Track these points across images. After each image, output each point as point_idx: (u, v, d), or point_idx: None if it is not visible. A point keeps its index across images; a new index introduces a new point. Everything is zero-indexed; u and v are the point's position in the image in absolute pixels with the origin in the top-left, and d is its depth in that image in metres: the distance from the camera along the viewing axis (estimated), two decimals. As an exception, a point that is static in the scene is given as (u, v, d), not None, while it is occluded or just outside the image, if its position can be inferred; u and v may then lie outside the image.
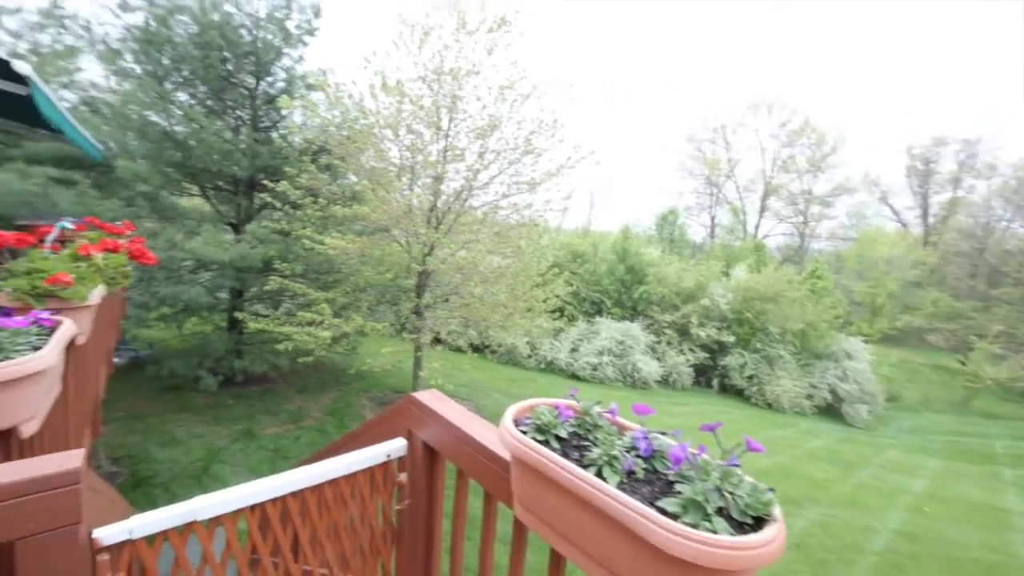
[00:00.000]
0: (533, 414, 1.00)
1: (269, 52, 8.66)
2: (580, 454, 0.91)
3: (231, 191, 9.57)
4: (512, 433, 0.93)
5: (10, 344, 1.22)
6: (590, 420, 1.00)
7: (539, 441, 0.92)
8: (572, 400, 1.07)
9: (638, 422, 1.00)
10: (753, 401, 15.54)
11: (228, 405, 8.23)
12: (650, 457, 0.88)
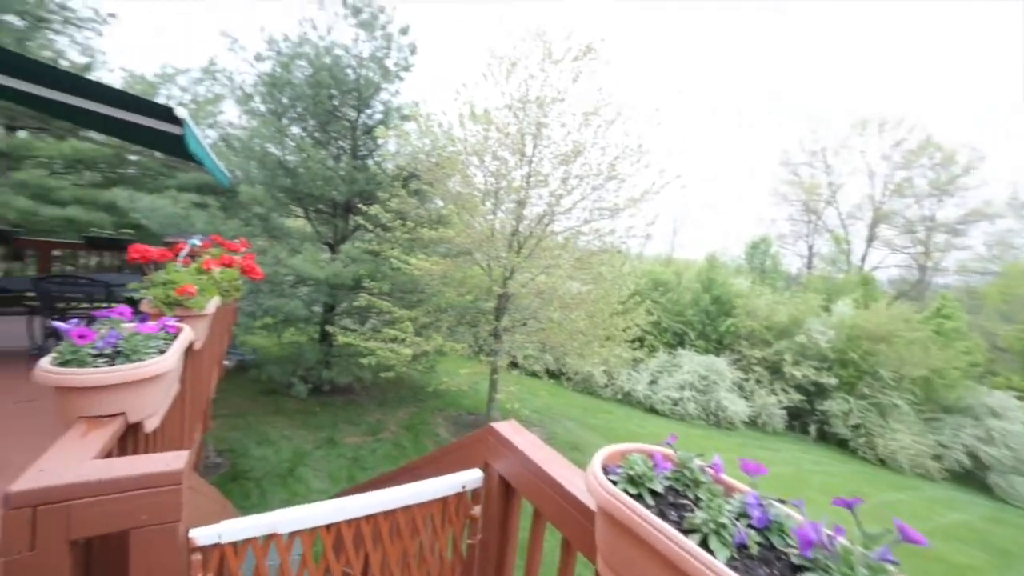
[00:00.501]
0: (625, 462, 0.90)
1: (369, 88, 9.46)
2: (679, 514, 0.80)
3: (330, 213, 10.43)
4: (601, 482, 0.84)
5: (143, 347, 1.36)
6: (690, 474, 0.88)
7: (632, 495, 0.82)
8: (669, 449, 0.95)
9: (747, 482, 0.86)
10: (860, 454, 13.64)
11: (315, 412, 8.77)
12: (765, 529, 0.75)
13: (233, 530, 1.16)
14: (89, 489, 0.98)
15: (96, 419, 1.22)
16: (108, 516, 1.00)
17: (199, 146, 3.66)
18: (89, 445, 1.11)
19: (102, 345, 1.28)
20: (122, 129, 5.38)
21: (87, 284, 4.70)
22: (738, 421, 13.76)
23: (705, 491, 0.83)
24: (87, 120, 5.83)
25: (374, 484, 3.23)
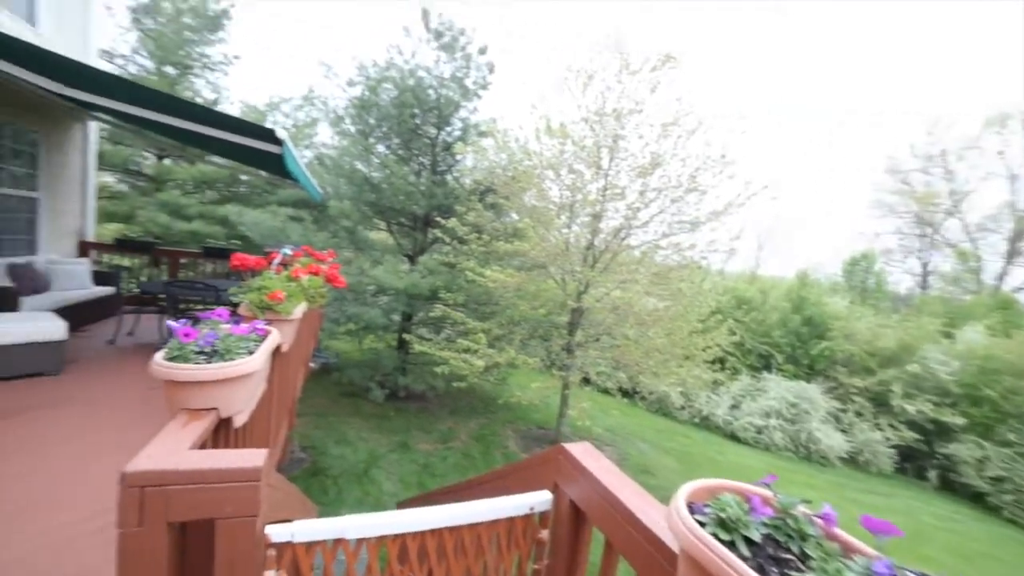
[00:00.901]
0: (715, 502, 0.78)
1: (449, 106, 9.86)
2: (781, 572, 0.68)
3: (410, 226, 10.93)
4: (687, 523, 0.74)
5: (235, 348, 1.47)
6: (794, 524, 0.75)
7: (723, 542, 0.71)
8: (767, 490, 0.82)
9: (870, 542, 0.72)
10: (1006, 514, 11.09)
11: (390, 417, 9.12)
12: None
13: (305, 531, 1.19)
14: (183, 477, 1.05)
15: (194, 411, 1.32)
16: (198, 504, 1.06)
17: (295, 164, 4.00)
18: (187, 435, 1.20)
19: (203, 344, 1.39)
20: (236, 152, 6.06)
21: (202, 288, 5.29)
22: (833, 456, 12.31)
23: (815, 547, 0.70)
24: (211, 146, 6.62)
25: (442, 494, 3.25)
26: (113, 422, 3.54)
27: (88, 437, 3.26)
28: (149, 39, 13.35)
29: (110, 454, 3.01)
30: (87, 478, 2.75)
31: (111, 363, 4.89)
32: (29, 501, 2.50)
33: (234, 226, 11.06)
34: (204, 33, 14.23)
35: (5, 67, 4.19)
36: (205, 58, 14.32)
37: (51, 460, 2.93)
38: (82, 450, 3.08)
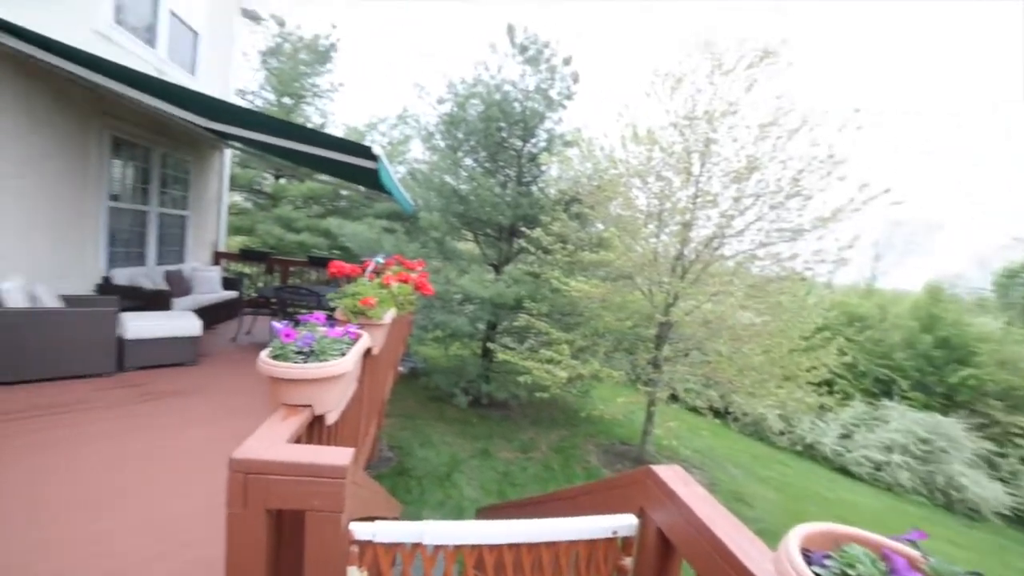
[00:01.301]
0: (840, 554, 0.65)
1: (535, 118, 9.97)
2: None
3: (496, 237, 11.17)
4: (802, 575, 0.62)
5: (330, 349, 1.56)
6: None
7: (852, 604, 0.58)
8: (912, 548, 0.67)
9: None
10: None
11: (472, 423, 9.30)
12: None
13: (385, 531, 1.21)
14: (279, 468, 1.12)
15: (292, 407, 1.42)
16: (291, 495, 1.13)
17: (389, 178, 4.26)
18: (285, 429, 1.28)
19: (301, 344, 1.49)
20: (339, 169, 6.62)
21: (306, 293, 5.82)
22: (986, 510, 10.31)
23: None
24: (318, 164, 7.31)
25: (522, 506, 3.21)
26: (233, 409, 3.98)
27: (221, 422, 3.70)
28: (273, 76, 15.23)
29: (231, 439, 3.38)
30: (213, 458, 3.10)
31: (233, 358, 5.53)
32: (173, 475, 2.88)
33: (336, 237, 12.09)
34: (315, 66, 15.90)
35: (173, 110, 4.99)
36: (315, 87, 15.99)
37: (188, 438, 3.36)
38: (213, 432, 3.50)
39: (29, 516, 2.38)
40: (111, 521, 2.41)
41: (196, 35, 7.41)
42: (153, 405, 3.92)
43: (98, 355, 4.31)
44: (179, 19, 6.93)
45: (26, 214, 4.68)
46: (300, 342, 1.50)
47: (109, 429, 3.40)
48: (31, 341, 3.99)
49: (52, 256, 5.01)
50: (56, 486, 2.65)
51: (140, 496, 2.65)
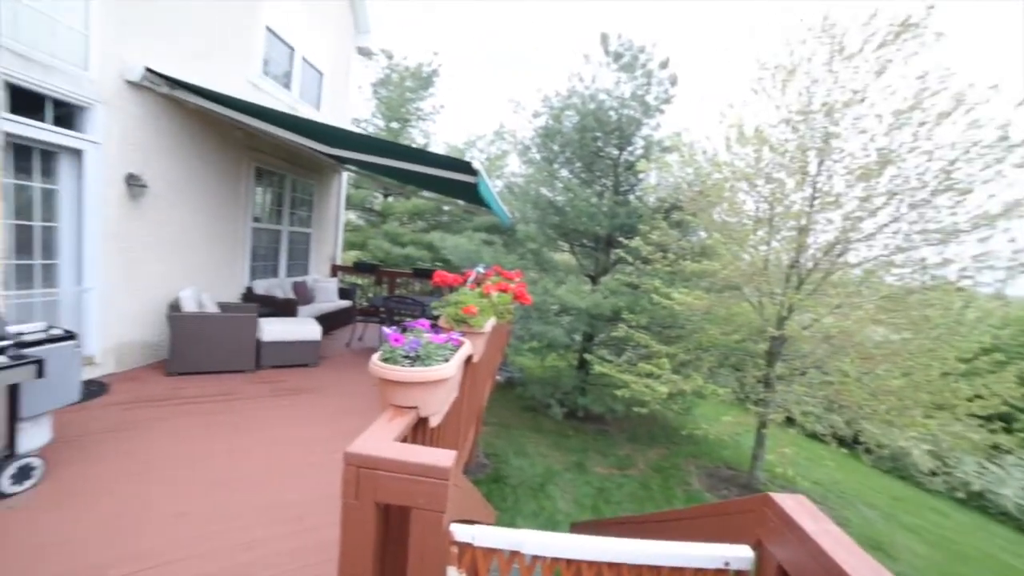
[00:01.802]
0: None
1: (631, 125, 9.74)
2: None
3: (592, 247, 11.04)
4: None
5: (435, 354, 1.64)
6: None
7: None
8: None
9: None
10: None
11: (567, 435, 9.19)
12: None
13: (484, 536, 1.23)
14: (387, 464, 1.19)
15: (399, 408, 1.51)
16: (398, 492, 1.19)
17: (488, 192, 4.42)
18: (393, 428, 1.37)
19: (408, 349, 1.59)
20: (441, 185, 7.04)
21: (411, 303, 6.23)
22: None
23: None
24: (422, 181, 7.83)
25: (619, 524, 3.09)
26: (348, 408, 4.37)
27: (338, 419, 4.09)
28: (382, 104, 16.73)
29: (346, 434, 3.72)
30: (332, 451, 3.43)
31: (347, 362, 6.07)
32: (298, 463, 3.23)
33: (438, 250, 12.81)
34: (419, 91, 17.15)
35: (302, 140, 5.72)
36: (419, 111, 17.24)
37: (311, 431, 3.75)
38: (332, 428, 3.87)
39: (178, 490, 2.81)
40: (245, 499, 2.75)
41: (321, 75, 8.40)
42: (284, 399, 4.45)
43: (243, 354, 5.01)
44: (309, 63, 7.92)
45: (194, 234, 5.62)
46: (407, 347, 1.60)
47: (249, 418, 3.91)
48: (200, 340, 4.77)
49: (211, 269, 5.94)
50: (203, 463, 3.11)
51: (273, 479, 3.01)
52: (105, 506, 2.57)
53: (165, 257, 5.19)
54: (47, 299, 4.16)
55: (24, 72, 3.66)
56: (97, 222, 4.39)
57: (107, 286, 4.53)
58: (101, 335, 4.51)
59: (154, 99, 4.85)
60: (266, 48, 6.66)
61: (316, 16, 7.88)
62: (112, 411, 3.79)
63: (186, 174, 5.38)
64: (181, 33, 5.14)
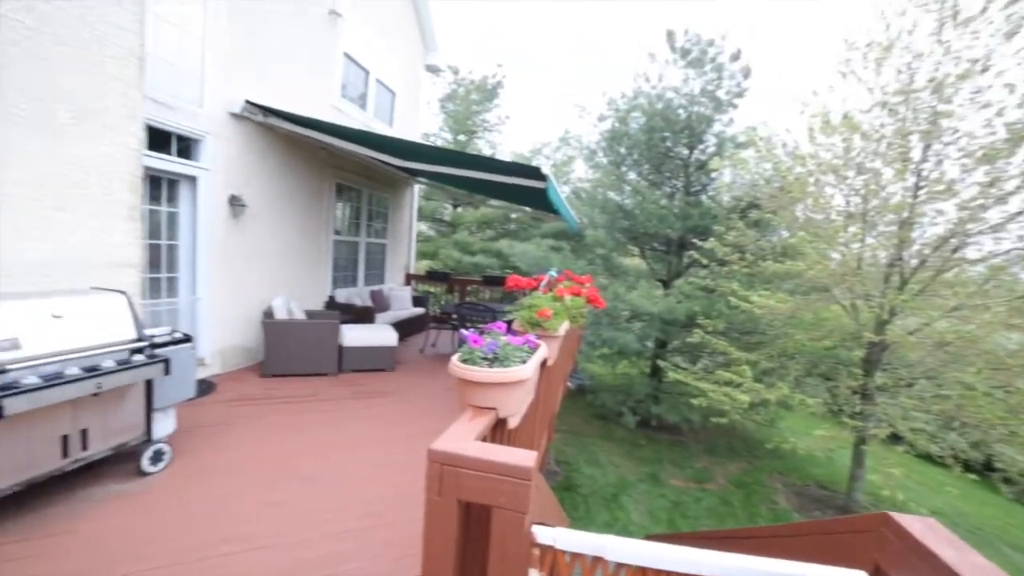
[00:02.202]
0: None
1: (701, 123, 9.35)
2: None
3: (663, 251, 10.69)
4: None
5: (512, 356, 1.66)
6: None
7: None
8: None
9: None
10: None
11: (640, 445, 8.88)
12: None
13: (566, 539, 1.21)
14: (470, 463, 1.21)
15: (479, 408, 1.54)
16: (480, 490, 1.21)
17: (557, 197, 4.42)
18: (474, 428, 1.40)
19: (486, 351, 1.62)
20: (509, 192, 7.14)
21: (482, 310, 6.36)
22: None
23: None
24: (491, 190, 7.99)
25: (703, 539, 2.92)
26: (424, 411, 4.53)
27: (415, 421, 4.25)
28: (449, 118, 17.36)
29: (423, 436, 3.86)
30: (409, 451, 3.57)
31: (422, 366, 6.30)
32: (381, 461, 3.40)
33: (506, 257, 12.99)
34: (484, 104, 17.59)
35: (379, 156, 6.07)
36: (485, 123, 17.68)
37: (389, 432, 3.94)
38: (408, 429, 4.03)
39: (273, 482, 3.04)
40: (331, 493, 2.93)
41: (393, 94, 8.88)
42: (364, 402, 4.70)
43: (327, 358, 5.37)
44: (382, 84, 8.41)
45: (284, 247, 6.13)
46: (486, 348, 1.63)
47: (333, 418, 4.18)
48: (291, 345, 5.19)
49: (298, 279, 6.44)
50: (294, 458, 3.35)
51: (356, 475, 3.18)
52: (215, 489, 2.86)
53: (260, 269, 5.71)
54: (170, 307, 4.73)
55: (158, 114, 4.23)
56: (207, 239, 4.92)
57: (214, 295, 5.06)
58: (209, 339, 5.04)
59: (252, 127, 5.39)
60: (344, 73, 7.17)
61: (387, 39, 8.36)
62: (219, 407, 4.21)
63: (277, 193, 5.90)
64: (273, 66, 5.67)
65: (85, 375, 2.45)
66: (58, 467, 2.51)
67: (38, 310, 2.43)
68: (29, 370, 2.27)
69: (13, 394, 2.15)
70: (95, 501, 2.67)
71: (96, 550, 2.27)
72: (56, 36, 2.95)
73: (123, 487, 2.82)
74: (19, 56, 2.78)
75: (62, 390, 2.34)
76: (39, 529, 2.39)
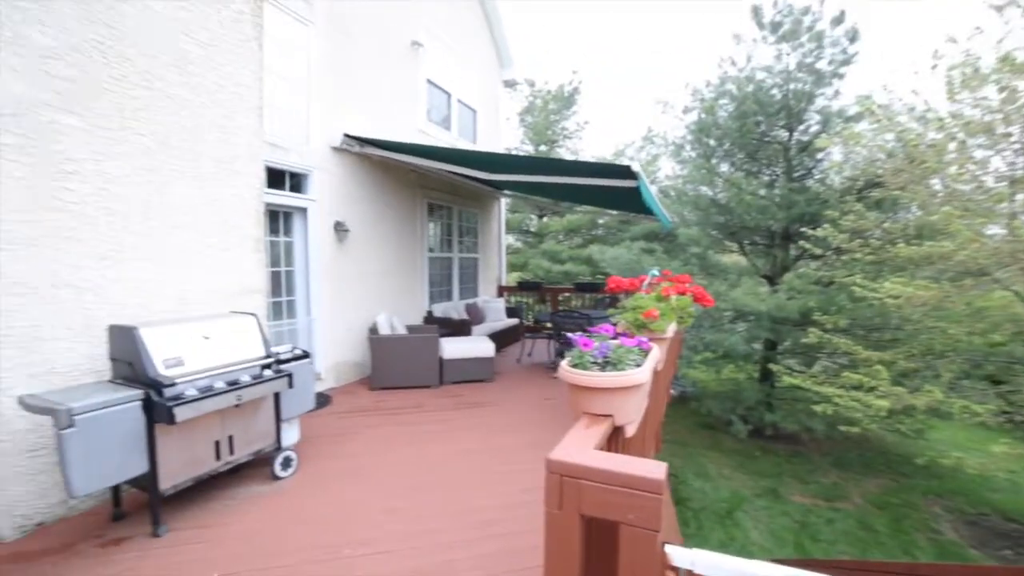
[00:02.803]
0: None
1: (800, 100, 8.51)
2: None
3: (766, 245, 9.83)
4: None
5: (626, 358, 1.55)
6: None
7: None
8: None
9: None
10: None
11: (754, 456, 8.13)
12: None
13: (707, 563, 1.08)
14: (592, 474, 1.12)
15: (594, 416, 1.45)
16: (604, 504, 1.11)
17: (649, 194, 4.22)
18: (591, 437, 1.31)
19: (597, 355, 1.53)
20: (597, 196, 7.00)
21: (578, 317, 6.26)
22: None
23: None
24: (578, 195, 7.90)
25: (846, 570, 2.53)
26: (527, 420, 4.51)
27: (518, 431, 4.25)
28: (529, 130, 17.59)
29: (527, 447, 3.84)
30: (515, 462, 3.55)
31: (519, 376, 6.32)
32: (487, 470, 3.42)
33: (596, 264, 12.76)
34: (563, 112, 17.59)
35: (468, 171, 6.26)
36: (564, 131, 17.67)
37: (493, 442, 3.96)
38: (512, 440, 4.03)
39: (386, 490, 3.16)
40: (441, 502, 2.98)
41: (474, 112, 9.18)
42: (466, 412, 4.79)
43: (429, 371, 5.58)
44: (464, 104, 8.73)
45: (384, 266, 6.53)
46: (597, 352, 1.54)
47: (439, 428, 4.30)
48: (394, 359, 5.48)
49: (397, 296, 6.81)
50: (404, 467, 3.47)
51: (464, 485, 3.22)
52: (334, 495, 3.05)
53: (364, 288, 6.13)
54: (290, 327, 5.24)
55: (273, 156, 4.75)
56: (317, 264, 5.39)
57: (325, 315, 5.51)
58: (323, 355, 5.49)
59: (349, 158, 5.84)
60: (428, 97, 7.55)
61: (464, 60, 8.69)
62: (335, 418, 4.53)
63: (374, 216, 6.31)
64: (365, 100, 6.12)
65: (229, 388, 2.75)
66: (213, 468, 2.84)
67: (192, 332, 2.78)
68: (189, 383, 2.60)
69: (181, 403, 2.48)
70: (240, 499, 2.98)
71: (244, 543, 2.52)
72: (203, 102, 3.44)
73: (260, 489, 3.12)
74: (174, 124, 3.28)
75: (213, 401, 2.65)
76: (203, 520, 2.74)
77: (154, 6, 3.15)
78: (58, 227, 2.72)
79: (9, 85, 2.51)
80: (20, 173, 2.57)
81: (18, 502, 2.61)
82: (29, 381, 2.61)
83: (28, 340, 2.62)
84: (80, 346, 2.82)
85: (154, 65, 3.15)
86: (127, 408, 2.41)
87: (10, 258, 2.53)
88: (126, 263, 3.03)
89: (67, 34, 2.72)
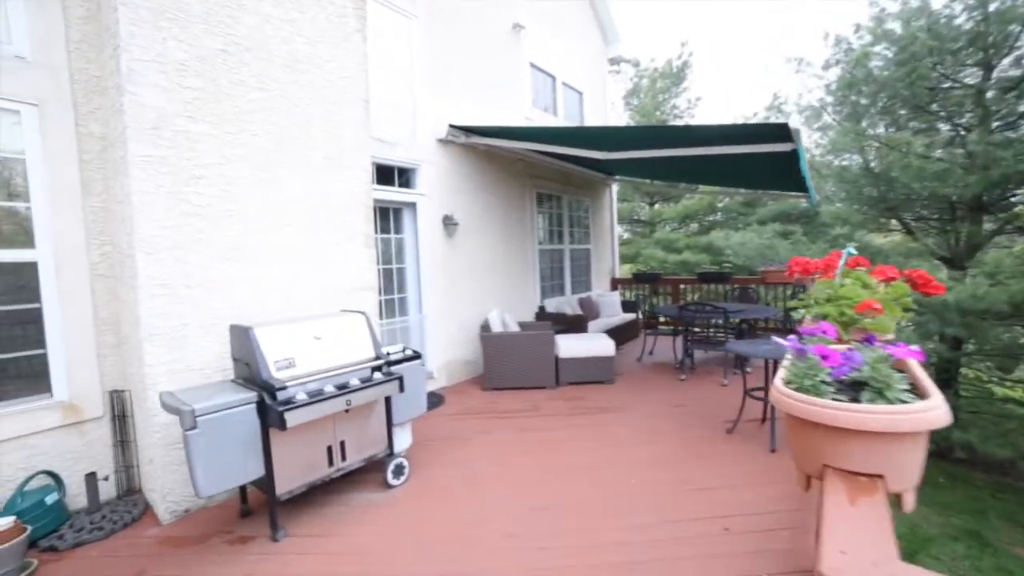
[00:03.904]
0: None
1: (1007, 22, 6.63)
2: None
3: (944, 219, 7.96)
4: None
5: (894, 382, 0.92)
6: None
7: None
8: None
9: None
10: None
11: (938, 484, 6.54)
12: None
13: None
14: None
15: (852, 476, 0.90)
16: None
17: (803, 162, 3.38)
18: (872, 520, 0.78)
19: (835, 372, 0.98)
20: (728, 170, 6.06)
21: (711, 310, 5.44)
22: None
23: None
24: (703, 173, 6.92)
25: None
26: (655, 431, 3.91)
27: (645, 444, 3.69)
28: (636, 113, 16.46)
29: (655, 462, 3.26)
30: (655, 479, 3.01)
31: (642, 377, 5.68)
32: (614, 492, 2.94)
33: (719, 251, 11.45)
34: (672, 89, 16.19)
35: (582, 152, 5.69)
36: (675, 108, 16.24)
37: (618, 455, 3.45)
38: (640, 453, 3.48)
39: (502, 509, 2.80)
40: (567, 529, 2.55)
41: (580, 95, 8.61)
42: (586, 419, 4.32)
43: (544, 370, 5.19)
44: (569, 86, 8.22)
45: (493, 260, 6.29)
46: (839, 369, 0.98)
47: (557, 436, 3.89)
48: (507, 357, 5.19)
49: (509, 290, 6.54)
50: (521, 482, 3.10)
51: (591, 508, 2.76)
52: (448, 512, 2.78)
53: (474, 283, 5.94)
54: (402, 325, 5.20)
55: (381, 151, 4.71)
56: (428, 259, 5.29)
57: (436, 311, 5.40)
58: (435, 354, 5.38)
59: (455, 149, 5.67)
60: (532, 82, 7.17)
61: (568, 40, 8.15)
62: (446, 421, 4.34)
63: (481, 208, 6.09)
64: (471, 89, 5.91)
65: (339, 392, 2.60)
66: (327, 474, 2.73)
67: (304, 332, 2.68)
68: (299, 387, 2.48)
69: (291, 408, 2.35)
70: (353, 507, 2.85)
71: (356, 561, 2.34)
72: (312, 98, 3.41)
73: (372, 497, 2.97)
74: (286, 123, 3.28)
75: (321, 406, 2.51)
76: (317, 527, 2.64)
77: (271, 12, 3.17)
78: (191, 231, 2.81)
79: (154, 100, 2.65)
80: (163, 182, 2.71)
81: (170, 490, 2.77)
82: (170, 378, 2.72)
83: (170, 339, 2.74)
84: (211, 344, 2.89)
85: (269, 68, 3.17)
86: (243, 411, 2.35)
87: (155, 261, 2.68)
88: (244, 262, 3.07)
89: (197, 47, 2.81)
